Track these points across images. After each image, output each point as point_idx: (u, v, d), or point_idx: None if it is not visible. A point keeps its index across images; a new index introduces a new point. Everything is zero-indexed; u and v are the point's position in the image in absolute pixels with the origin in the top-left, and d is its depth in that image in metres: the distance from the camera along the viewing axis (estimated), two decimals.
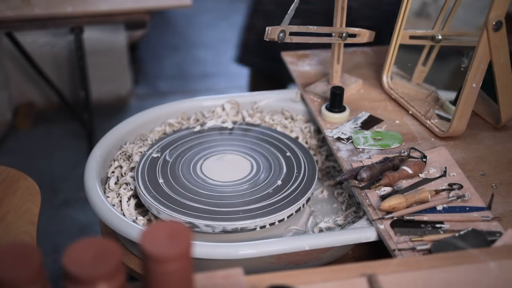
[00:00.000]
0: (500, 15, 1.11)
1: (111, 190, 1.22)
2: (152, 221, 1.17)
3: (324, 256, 1.10)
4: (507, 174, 1.17)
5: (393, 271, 0.77)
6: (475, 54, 1.15)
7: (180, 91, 2.99)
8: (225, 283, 0.73)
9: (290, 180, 1.20)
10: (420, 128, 1.30)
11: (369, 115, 1.34)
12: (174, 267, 0.62)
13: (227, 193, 1.16)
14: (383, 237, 1.02)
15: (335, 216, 1.21)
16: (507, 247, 0.88)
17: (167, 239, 0.62)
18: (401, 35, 1.37)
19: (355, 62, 1.56)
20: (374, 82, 1.47)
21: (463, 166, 1.18)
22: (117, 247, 0.61)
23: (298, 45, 1.29)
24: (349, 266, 0.78)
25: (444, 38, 1.39)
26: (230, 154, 1.27)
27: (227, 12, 3.55)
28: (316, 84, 1.43)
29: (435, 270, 0.78)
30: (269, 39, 1.18)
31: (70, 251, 0.61)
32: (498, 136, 1.29)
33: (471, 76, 1.17)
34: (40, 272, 0.60)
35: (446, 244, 0.96)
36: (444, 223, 1.03)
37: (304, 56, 1.58)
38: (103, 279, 0.59)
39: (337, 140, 1.25)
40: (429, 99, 1.38)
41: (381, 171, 1.12)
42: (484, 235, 0.98)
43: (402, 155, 1.17)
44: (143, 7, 2.07)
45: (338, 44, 1.36)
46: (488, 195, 1.08)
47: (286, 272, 0.76)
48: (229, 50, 3.20)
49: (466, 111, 1.22)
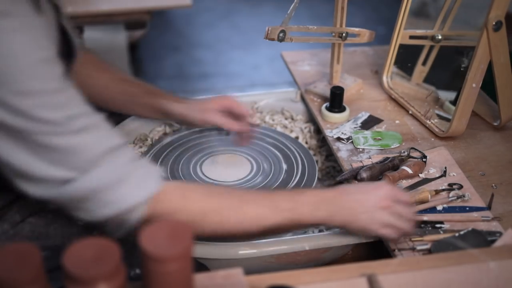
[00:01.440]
0: (500, 15, 1.11)
1: None
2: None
3: (324, 256, 1.10)
4: (507, 174, 1.17)
5: (393, 271, 0.77)
6: (475, 54, 1.15)
7: (180, 91, 2.98)
8: (225, 283, 0.73)
9: (290, 180, 1.20)
10: (420, 128, 1.30)
11: (369, 115, 1.34)
12: (174, 267, 0.62)
13: None
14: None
15: None
16: (507, 247, 0.88)
17: (167, 239, 0.62)
18: (401, 35, 1.36)
19: (355, 62, 1.56)
20: (374, 82, 1.47)
21: (463, 166, 1.18)
22: (117, 247, 0.61)
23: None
24: (349, 266, 0.78)
25: (444, 38, 1.39)
26: (230, 154, 1.27)
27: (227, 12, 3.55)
28: (316, 84, 1.43)
29: (435, 270, 0.78)
30: (269, 39, 1.18)
31: (70, 251, 0.61)
32: (498, 136, 1.29)
33: (471, 76, 1.17)
34: (40, 272, 0.60)
35: (446, 244, 0.96)
36: (444, 223, 1.03)
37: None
38: (103, 279, 0.59)
39: (337, 140, 1.25)
40: (429, 99, 1.38)
41: (381, 171, 1.12)
42: (484, 235, 0.98)
43: (402, 155, 1.17)
44: (143, 7, 2.07)
45: (338, 44, 1.35)
46: (488, 195, 1.08)
47: (286, 272, 0.76)
48: (229, 50, 3.19)
49: (466, 111, 1.21)
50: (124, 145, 0.83)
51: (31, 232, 0.96)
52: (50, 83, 0.74)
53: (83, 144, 0.77)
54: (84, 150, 0.77)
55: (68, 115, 0.75)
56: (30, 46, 0.72)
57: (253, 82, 2.92)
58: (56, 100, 0.75)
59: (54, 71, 0.76)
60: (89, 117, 0.78)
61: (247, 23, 3.44)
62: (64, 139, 0.75)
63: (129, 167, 0.82)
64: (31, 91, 0.72)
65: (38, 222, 0.97)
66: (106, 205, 0.81)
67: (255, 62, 3.07)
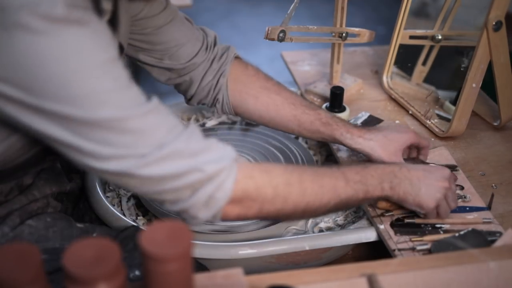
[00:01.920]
0: (500, 15, 1.11)
1: (111, 190, 1.22)
2: (152, 221, 1.17)
3: (324, 256, 1.10)
4: (507, 174, 1.17)
5: (393, 271, 0.77)
6: (475, 54, 1.15)
7: None
8: (225, 283, 0.73)
9: None
10: (420, 128, 1.30)
11: (369, 115, 1.34)
12: (174, 267, 0.62)
13: None
14: (383, 237, 1.02)
15: (335, 216, 1.21)
16: (507, 247, 0.88)
17: (167, 239, 0.62)
18: (401, 35, 1.36)
19: (355, 62, 1.56)
20: (374, 82, 1.47)
21: (463, 166, 1.18)
22: (117, 247, 0.61)
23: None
24: (349, 266, 0.78)
25: (444, 38, 1.39)
26: None
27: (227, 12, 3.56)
28: (316, 84, 1.43)
29: (435, 270, 0.78)
30: (269, 39, 1.18)
31: (70, 251, 0.61)
32: (498, 136, 1.29)
33: (471, 76, 1.17)
34: (40, 272, 0.60)
35: (446, 244, 0.96)
36: (444, 223, 1.03)
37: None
38: (103, 279, 0.59)
39: None
40: (429, 99, 1.38)
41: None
42: (484, 235, 0.98)
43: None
44: None
45: (338, 44, 1.35)
46: (488, 195, 1.08)
47: (286, 272, 0.76)
48: None
49: (466, 111, 1.21)
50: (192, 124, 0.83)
51: (31, 235, 0.96)
52: (119, 80, 0.76)
53: (155, 123, 0.77)
54: (157, 128, 0.77)
55: (137, 103, 0.77)
56: (99, 49, 0.75)
57: None
58: (127, 94, 0.77)
59: (120, 69, 0.77)
60: (150, 102, 0.78)
61: (247, 23, 3.44)
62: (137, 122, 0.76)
63: (207, 141, 0.82)
64: (103, 88, 0.74)
65: (37, 225, 0.97)
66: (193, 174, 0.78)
67: (255, 62, 3.05)
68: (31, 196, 0.99)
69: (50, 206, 1.03)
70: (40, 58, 0.70)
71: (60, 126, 0.74)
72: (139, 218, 1.17)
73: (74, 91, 0.72)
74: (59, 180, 1.05)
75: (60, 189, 1.05)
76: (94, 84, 0.73)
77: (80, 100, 0.72)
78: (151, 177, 0.77)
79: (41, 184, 1.01)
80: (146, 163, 0.75)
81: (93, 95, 0.73)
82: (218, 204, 0.80)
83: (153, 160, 0.76)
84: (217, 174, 0.79)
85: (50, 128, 0.74)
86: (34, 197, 0.99)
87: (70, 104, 0.72)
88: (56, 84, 0.71)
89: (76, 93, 0.72)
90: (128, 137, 0.75)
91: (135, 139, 0.75)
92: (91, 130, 0.74)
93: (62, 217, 1.01)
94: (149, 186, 0.78)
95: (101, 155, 0.75)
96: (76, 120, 0.73)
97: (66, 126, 0.73)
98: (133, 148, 0.75)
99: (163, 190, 0.78)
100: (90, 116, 0.73)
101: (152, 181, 0.77)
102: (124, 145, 0.75)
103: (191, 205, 0.80)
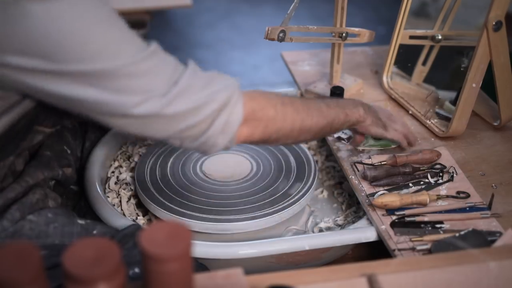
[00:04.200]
0: (500, 15, 1.11)
1: (111, 190, 1.22)
2: (152, 221, 1.17)
3: (324, 256, 1.10)
4: (507, 174, 1.17)
5: (393, 271, 0.77)
6: (475, 54, 1.15)
7: None
8: (225, 283, 0.73)
9: (290, 180, 1.20)
10: (420, 128, 1.30)
11: None
12: (174, 267, 0.62)
13: (227, 193, 1.16)
14: (383, 237, 1.02)
15: (335, 216, 1.21)
16: (507, 247, 0.88)
17: (167, 239, 0.62)
18: (401, 35, 1.36)
19: (355, 62, 1.56)
20: (374, 82, 1.47)
21: (463, 166, 1.18)
22: (117, 247, 0.61)
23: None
24: (349, 266, 0.78)
25: (444, 38, 1.39)
26: (230, 154, 1.27)
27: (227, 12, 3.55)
28: (316, 84, 1.43)
29: (435, 270, 0.78)
30: (269, 39, 1.18)
31: (70, 251, 0.61)
32: (498, 136, 1.29)
33: (471, 76, 1.17)
34: (39, 272, 0.60)
35: (446, 244, 0.96)
36: (444, 223, 1.03)
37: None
38: (103, 279, 0.59)
39: (337, 140, 1.25)
40: (429, 99, 1.38)
41: (388, 174, 1.12)
42: (484, 235, 0.98)
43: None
44: (143, 7, 2.07)
45: (338, 44, 1.35)
46: (488, 195, 1.08)
47: (286, 272, 0.76)
48: (229, 50, 3.19)
49: (466, 111, 1.21)
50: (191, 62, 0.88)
51: (31, 230, 0.96)
52: (123, 28, 0.82)
53: (161, 63, 0.83)
54: (164, 66, 0.83)
55: (142, 47, 0.82)
56: (101, 2, 0.80)
57: (253, 82, 2.91)
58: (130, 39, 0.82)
59: (119, 18, 0.82)
60: (152, 44, 0.84)
61: (247, 23, 3.44)
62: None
63: (209, 72, 0.89)
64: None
65: (38, 220, 0.97)
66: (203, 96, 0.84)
67: (255, 62, 3.07)
68: (24, 182, 0.99)
69: (49, 198, 1.02)
70: (57, 22, 0.73)
71: (86, 85, 0.77)
72: (139, 218, 1.17)
73: (92, 47, 0.76)
74: (50, 166, 1.06)
75: (52, 174, 1.06)
76: (107, 36, 0.77)
77: (99, 53, 0.76)
78: (175, 114, 0.82)
79: (32, 171, 1.02)
80: (168, 101, 0.81)
81: (109, 46, 0.77)
82: (233, 128, 0.88)
83: (173, 97, 0.81)
84: (228, 100, 0.86)
85: (76, 90, 0.78)
86: (27, 183, 0.99)
87: (91, 60, 0.76)
88: (76, 45, 0.75)
89: (94, 49, 0.76)
90: (145, 80, 0.80)
91: (151, 80, 0.80)
92: (114, 81, 0.78)
93: (64, 213, 1.01)
94: (174, 125, 0.84)
95: (127, 104, 0.79)
96: (99, 74, 0.77)
97: (90, 83, 0.77)
98: (153, 89, 0.80)
99: (186, 127, 0.84)
100: (110, 66, 0.77)
101: (176, 119, 0.83)
102: (144, 89, 0.80)
103: (210, 135, 0.86)
